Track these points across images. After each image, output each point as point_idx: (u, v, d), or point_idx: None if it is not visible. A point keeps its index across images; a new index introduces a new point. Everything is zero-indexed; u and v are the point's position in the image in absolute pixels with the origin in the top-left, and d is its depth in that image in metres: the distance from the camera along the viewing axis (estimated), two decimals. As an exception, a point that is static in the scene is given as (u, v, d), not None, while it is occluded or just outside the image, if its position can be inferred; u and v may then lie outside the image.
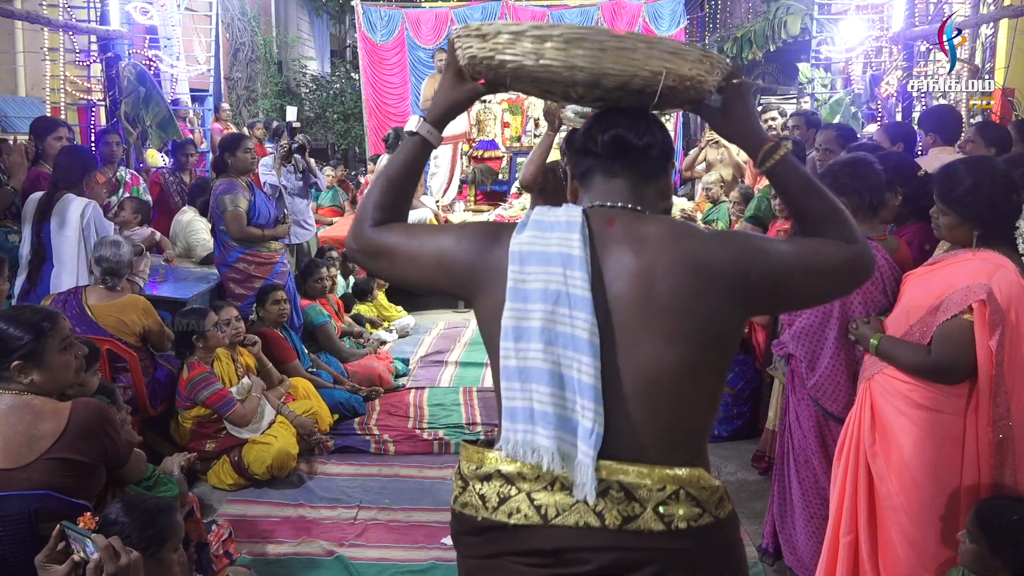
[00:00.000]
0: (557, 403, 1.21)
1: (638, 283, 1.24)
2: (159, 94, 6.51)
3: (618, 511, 1.19)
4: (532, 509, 1.22)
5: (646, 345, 1.22)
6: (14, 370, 2.10)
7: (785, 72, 16.47)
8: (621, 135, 1.34)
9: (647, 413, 1.22)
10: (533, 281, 1.25)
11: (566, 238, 1.25)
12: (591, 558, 1.20)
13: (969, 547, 1.98)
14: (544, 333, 1.22)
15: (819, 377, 2.58)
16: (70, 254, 4.00)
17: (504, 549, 1.25)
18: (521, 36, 1.26)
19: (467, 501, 1.30)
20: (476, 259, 1.32)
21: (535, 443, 1.21)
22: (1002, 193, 2.14)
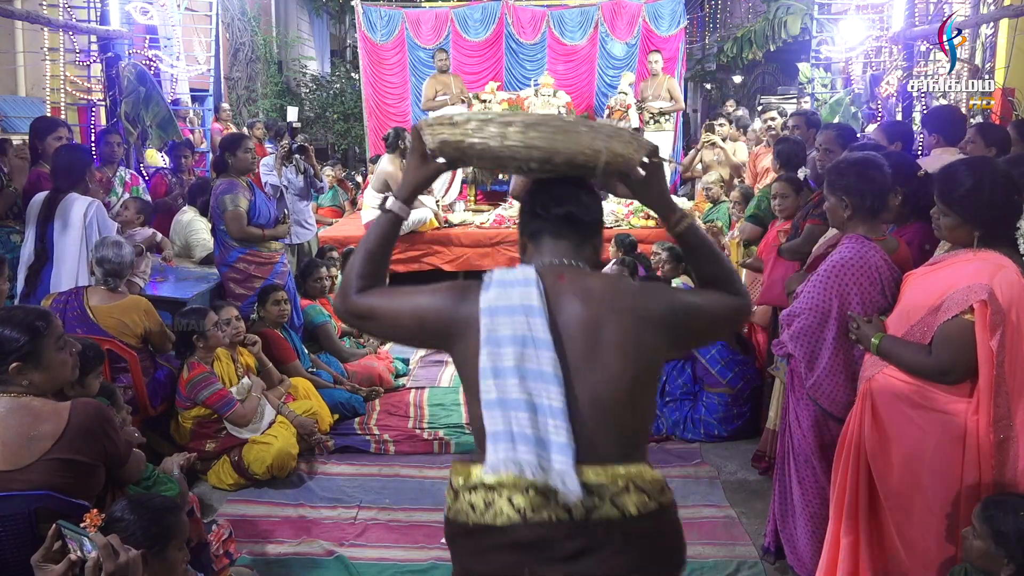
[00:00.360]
0: (533, 426, 1.45)
1: (587, 327, 1.53)
2: (159, 94, 6.51)
3: (582, 505, 1.44)
4: (512, 510, 1.47)
5: (595, 375, 1.51)
6: (12, 372, 2.10)
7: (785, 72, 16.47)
8: (572, 212, 1.64)
9: (599, 426, 1.50)
10: (503, 329, 1.50)
11: (526, 292, 1.53)
12: (563, 544, 1.46)
13: (974, 543, 1.98)
14: (517, 370, 1.47)
15: (817, 377, 2.58)
16: (72, 254, 4.00)
17: (493, 544, 1.49)
18: (488, 123, 1.53)
19: (459, 509, 1.53)
20: (450, 314, 1.58)
21: (518, 459, 1.44)
22: (1003, 194, 2.14)
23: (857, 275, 2.47)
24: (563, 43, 10.33)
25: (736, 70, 17.50)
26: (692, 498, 3.67)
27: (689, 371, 4.46)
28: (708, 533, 3.35)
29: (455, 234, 7.06)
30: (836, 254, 2.55)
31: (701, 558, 3.16)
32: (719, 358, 4.30)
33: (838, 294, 2.49)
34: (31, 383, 2.13)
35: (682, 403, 4.40)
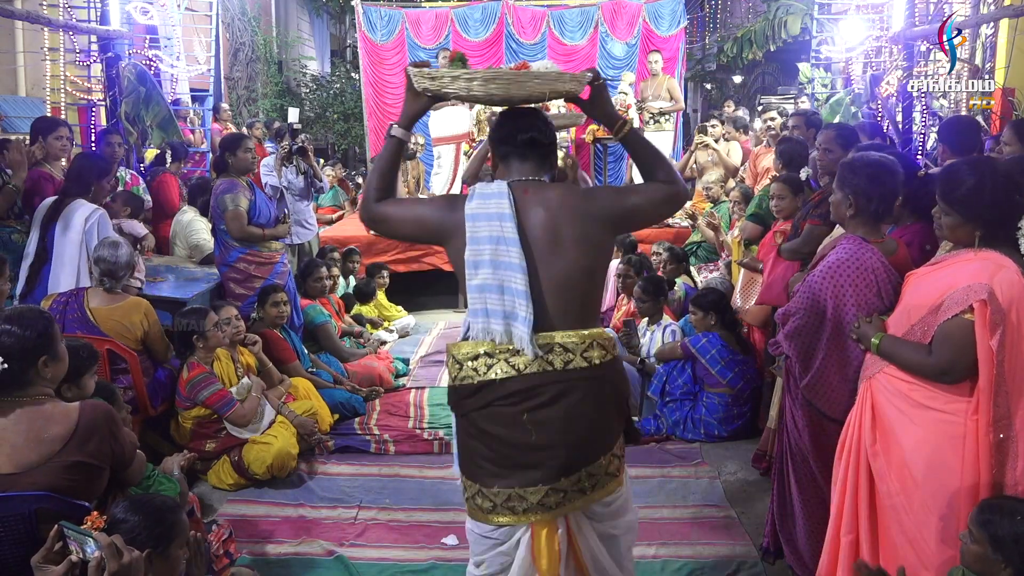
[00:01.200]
0: (502, 304, 1.96)
1: (548, 228, 2.01)
2: (159, 94, 6.50)
3: (560, 359, 1.97)
4: (509, 367, 1.97)
5: (557, 262, 1.99)
6: (41, 365, 2.14)
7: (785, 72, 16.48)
8: (535, 137, 2.10)
9: (566, 300, 2.00)
10: (482, 231, 1.98)
11: (499, 203, 1.99)
12: (547, 389, 1.97)
13: (971, 548, 1.97)
14: (492, 263, 1.97)
15: (812, 377, 2.58)
16: (71, 256, 4.00)
17: (494, 397, 1.98)
18: (456, 79, 2.03)
19: (465, 375, 2.01)
20: (443, 219, 2.06)
21: (490, 328, 1.97)
22: (1004, 194, 2.14)
23: (853, 276, 2.47)
24: (563, 43, 10.32)
25: (736, 70, 17.51)
26: (692, 498, 3.67)
27: (689, 371, 4.46)
28: (708, 533, 3.35)
29: (455, 234, 7.05)
30: (833, 254, 2.55)
31: (701, 558, 3.16)
32: (719, 358, 4.30)
33: (833, 294, 2.48)
34: (52, 376, 2.18)
35: (682, 403, 4.40)
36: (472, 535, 2.17)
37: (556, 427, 1.98)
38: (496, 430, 2.00)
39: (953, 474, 2.11)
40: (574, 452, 2.00)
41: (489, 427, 2.00)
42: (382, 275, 6.68)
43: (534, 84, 2.02)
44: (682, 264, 5.82)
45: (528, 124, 2.11)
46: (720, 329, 4.40)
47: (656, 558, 3.16)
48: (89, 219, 4.03)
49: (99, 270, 3.72)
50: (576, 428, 1.99)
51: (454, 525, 3.43)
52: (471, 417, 2.03)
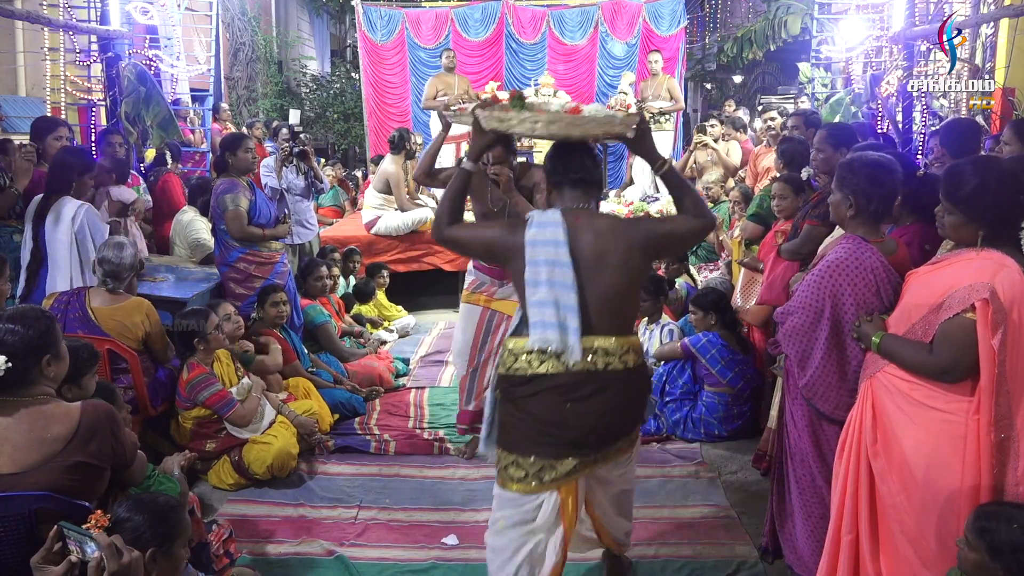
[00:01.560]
0: (557, 317, 2.32)
1: (595, 250, 2.38)
2: (159, 94, 6.50)
3: (602, 361, 2.35)
4: (559, 364, 2.34)
5: (602, 280, 2.37)
6: (44, 364, 2.14)
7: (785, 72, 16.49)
8: (583, 177, 2.50)
9: (609, 311, 2.38)
10: (540, 255, 2.35)
11: (555, 231, 2.37)
12: (589, 386, 2.35)
13: (968, 555, 1.97)
14: (548, 282, 2.34)
15: (810, 377, 2.58)
16: (63, 256, 3.99)
17: (544, 387, 2.36)
18: (524, 121, 2.36)
19: (519, 366, 2.39)
20: (506, 243, 2.44)
21: (547, 338, 2.33)
22: (1008, 193, 2.14)
23: (852, 276, 2.46)
24: (563, 43, 10.33)
25: (736, 70, 17.51)
26: (692, 498, 3.66)
27: (689, 371, 4.46)
28: (708, 533, 3.35)
29: (455, 234, 7.04)
30: (832, 254, 2.55)
31: (701, 558, 3.16)
32: (719, 358, 4.30)
33: (831, 294, 2.48)
34: (55, 376, 2.18)
35: (682, 403, 4.40)
36: (499, 498, 2.51)
37: (592, 416, 2.38)
38: (541, 413, 2.38)
39: (954, 474, 2.11)
40: (603, 435, 2.43)
41: (535, 411, 2.39)
42: (382, 275, 6.68)
43: (589, 127, 2.39)
44: (683, 264, 5.83)
45: (579, 163, 2.49)
46: (720, 329, 4.40)
47: (656, 558, 3.16)
48: (76, 216, 4.01)
49: (102, 271, 3.71)
50: (608, 417, 2.41)
51: (454, 525, 3.44)
52: (518, 402, 2.42)
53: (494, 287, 3.93)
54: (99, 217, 4.18)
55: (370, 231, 6.96)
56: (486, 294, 3.95)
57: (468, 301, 3.99)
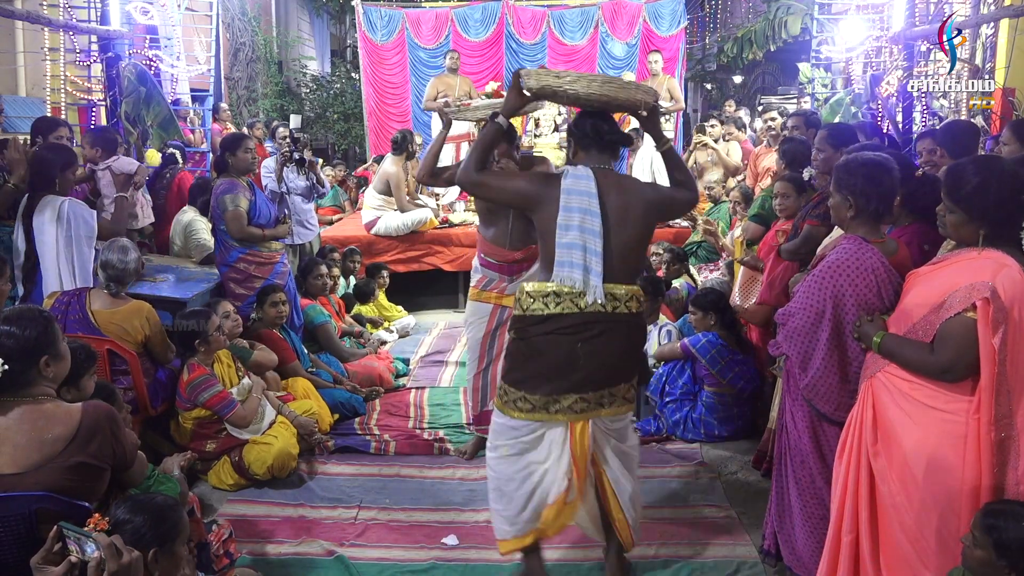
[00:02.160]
0: (583, 259, 2.57)
1: (621, 207, 2.65)
2: (159, 94, 6.50)
3: (611, 305, 2.61)
4: (573, 305, 2.60)
5: (624, 235, 2.64)
6: (43, 365, 2.13)
7: (785, 72, 16.49)
8: (615, 139, 2.75)
9: (623, 262, 2.66)
10: (574, 202, 2.60)
11: (588, 183, 2.62)
12: (598, 326, 2.61)
13: (974, 552, 1.97)
14: (579, 227, 2.58)
15: (811, 378, 2.57)
16: (51, 255, 3.96)
17: (556, 327, 2.61)
18: (578, 80, 2.61)
19: (536, 307, 2.63)
20: (540, 191, 2.67)
21: (572, 277, 2.58)
22: (1009, 192, 2.14)
23: (853, 276, 2.46)
24: (563, 43, 10.33)
25: (736, 70, 17.52)
26: (692, 498, 3.66)
27: (689, 371, 4.46)
28: (708, 533, 3.35)
29: (455, 234, 7.06)
30: (833, 255, 2.55)
31: (701, 558, 3.16)
32: (719, 358, 4.30)
33: (832, 295, 2.48)
34: (54, 376, 2.18)
35: (682, 403, 4.40)
36: (498, 426, 2.76)
37: (600, 353, 2.63)
38: (552, 351, 2.63)
39: (954, 473, 2.11)
40: (607, 373, 2.67)
41: (547, 348, 2.64)
42: (382, 275, 6.67)
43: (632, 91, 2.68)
44: (683, 264, 5.83)
45: (609, 127, 2.73)
46: (720, 329, 4.40)
47: (656, 558, 3.16)
48: (60, 212, 3.98)
49: (106, 275, 3.69)
50: (613, 356, 2.67)
51: (454, 525, 3.43)
52: (532, 340, 2.66)
53: (504, 283, 3.87)
54: (84, 208, 4.13)
55: (370, 231, 6.97)
56: (496, 291, 3.90)
57: (478, 299, 3.94)
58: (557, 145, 8.36)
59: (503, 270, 3.87)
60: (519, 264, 3.85)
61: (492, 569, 3.12)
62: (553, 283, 2.61)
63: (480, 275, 3.95)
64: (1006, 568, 1.91)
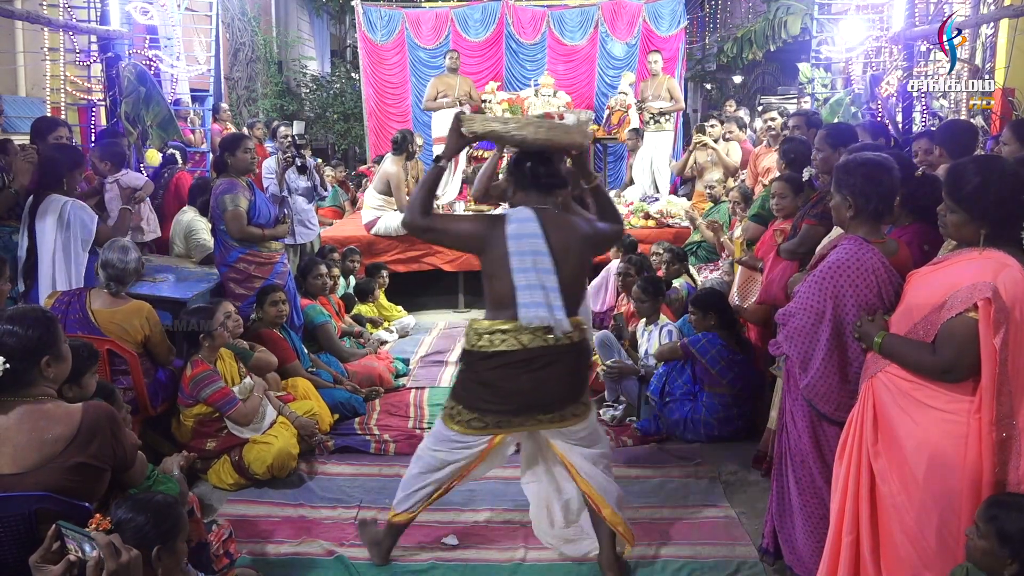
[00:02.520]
0: (544, 298, 2.69)
1: (562, 245, 2.76)
2: (159, 94, 6.49)
3: (554, 337, 2.72)
4: (517, 343, 2.72)
5: (566, 268, 2.74)
6: (44, 365, 2.13)
7: (785, 72, 16.48)
8: (554, 182, 2.87)
9: (567, 295, 2.73)
10: (526, 246, 2.71)
11: (532, 226, 2.74)
12: (542, 360, 2.74)
13: (977, 543, 1.97)
14: (534, 268, 2.70)
15: (811, 378, 2.57)
16: (47, 254, 3.98)
17: (504, 362, 2.74)
18: (524, 127, 2.75)
19: (483, 344, 2.75)
20: (485, 234, 2.77)
21: (540, 316, 2.68)
22: (1010, 192, 2.14)
23: (853, 277, 2.46)
24: (563, 43, 10.33)
25: (736, 70, 17.51)
26: (692, 498, 3.66)
27: (689, 371, 4.45)
28: (708, 533, 3.35)
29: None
30: (833, 255, 2.55)
31: (701, 558, 3.16)
32: (719, 358, 4.30)
33: (833, 295, 2.48)
34: (55, 377, 2.17)
35: (682, 403, 4.39)
36: (440, 434, 2.94)
37: (545, 382, 2.78)
38: (501, 383, 2.78)
39: (955, 473, 2.11)
40: (553, 400, 2.82)
41: (495, 381, 2.78)
42: (382, 275, 6.68)
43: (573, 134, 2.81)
44: (683, 264, 5.82)
45: (545, 169, 2.84)
46: (719, 329, 4.40)
47: (656, 558, 3.16)
48: (63, 213, 4.00)
49: (106, 274, 3.70)
50: (559, 384, 2.82)
51: (454, 525, 3.43)
52: (481, 373, 2.80)
53: None
54: (86, 211, 4.14)
55: (370, 231, 6.96)
56: None
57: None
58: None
59: None
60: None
61: (492, 569, 3.12)
62: (493, 322, 2.75)
63: None
64: (1009, 558, 1.93)
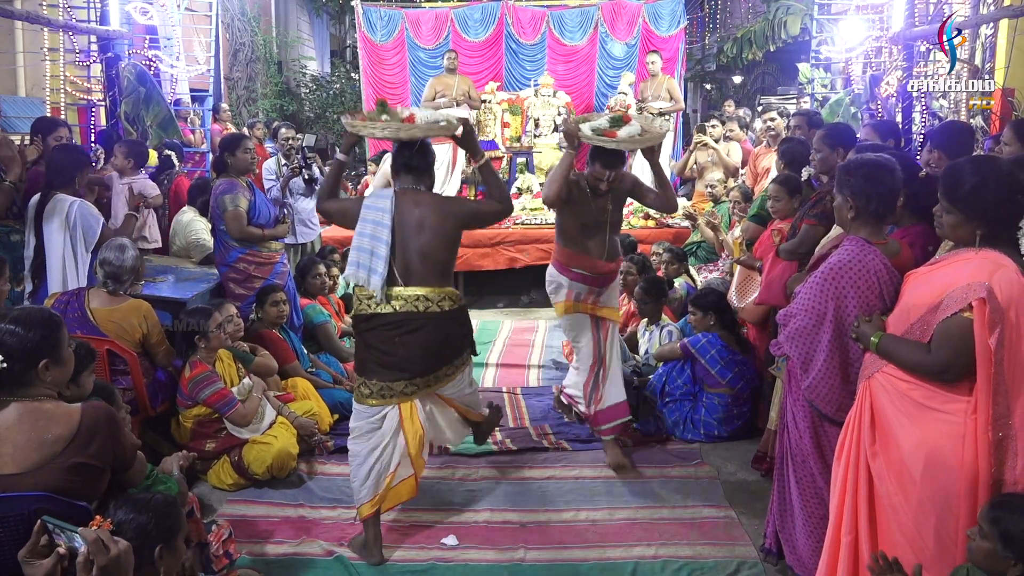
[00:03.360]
0: (370, 262, 3.09)
1: (416, 220, 3.14)
2: (159, 94, 6.50)
3: (423, 305, 3.08)
4: (389, 306, 3.08)
5: (422, 241, 3.12)
6: (42, 369, 2.12)
7: (785, 72, 16.47)
8: (416, 165, 3.26)
9: (426, 266, 3.12)
10: (370, 216, 3.14)
11: (384, 202, 3.16)
12: (413, 323, 3.08)
13: (980, 544, 1.97)
14: (370, 236, 3.11)
15: (813, 379, 2.57)
16: (56, 254, 4.00)
17: (379, 324, 3.11)
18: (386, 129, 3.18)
19: (362, 308, 3.14)
20: (353, 210, 3.21)
21: (357, 276, 3.11)
22: (1007, 192, 2.14)
23: (855, 278, 2.46)
24: (563, 43, 10.32)
25: (736, 70, 17.51)
26: (692, 498, 3.66)
27: (689, 372, 4.46)
28: (708, 533, 3.35)
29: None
30: (835, 256, 2.54)
31: (701, 558, 3.16)
32: (719, 358, 4.30)
33: (835, 296, 2.47)
34: (53, 380, 2.16)
35: (682, 404, 4.39)
36: (355, 411, 3.25)
37: (417, 346, 3.12)
38: (379, 344, 3.13)
39: (952, 474, 2.11)
40: (427, 362, 3.16)
41: (374, 342, 3.14)
42: (382, 275, 6.66)
43: (433, 129, 3.21)
44: (682, 264, 5.82)
45: (411, 156, 3.24)
46: (719, 329, 4.40)
47: (656, 558, 3.16)
48: (71, 214, 4.01)
49: (103, 272, 3.71)
50: (429, 348, 3.15)
51: (454, 525, 3.44)
52: (364, 335, 3.19)
53: (593, 295, 3.94)
54: (92, 212, 4.16)
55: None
56: (591, 302, 3.95)
57: (575, 311, 3.97)
58: (556, 145, 8.35)
59: (595, 282, 3.91)
60: (610, 276, 3.98)
61: (492, 569, 3.12)
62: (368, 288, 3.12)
63: (567, 288, 3.95)
64: (1012, 560, 1.92)
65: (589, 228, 3.86)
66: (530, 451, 4.18)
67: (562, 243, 3.97)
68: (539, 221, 7.37)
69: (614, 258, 3.98)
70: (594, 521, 3.47)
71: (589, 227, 3.86)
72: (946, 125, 4.41)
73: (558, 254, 4.00)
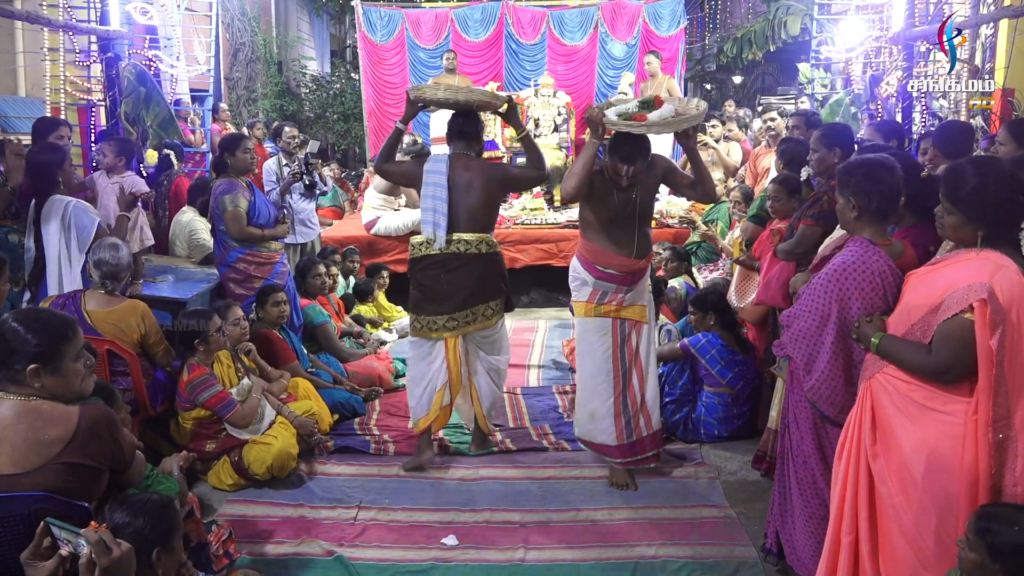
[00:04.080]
0: (435, 218, 3.77)
1: (467, 181, 3.81)
2: (159, 94, 6.49)
3: (463, 247, 3.78)
4: (436, 249, 3.78)
5: (469, 200, 3.80)
6: (29, 373, 2.08)
7: (785, 72, 16.47)
8: (468, 131, 3.90)
9: (472, 219, 3.81)
10: (431, 179, 3.81)
11: (441, 165, 3.82)
12: (455, 263, 3.80)
13: (968, 555, 1.96)
14: (433, 196, 3.78)
15: (815, 380, 2.57)
16: (53, 256, 3.98)
17: (426, 264, 3.84)
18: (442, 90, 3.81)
19: (415, 252, 3.88)
20: (416, 172, 3.90)
21: (427, 230, 3.82)
22: (1008, 193, 2.14)
23: (859, 280, 2.45)
24: (563, 43, 10.32)
25: (736, 70, 17.51)
26: (692, 498, 3.66)
27: (689, 372, 4.46)
28: (708, 533, 3.35)
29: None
30: (839, 257, 2.54)
31: (701, 558, 3.16)
32: (719, 358, 4.30)
33: (838, 298, 2.47)
34: (43, 387, 2.11)
35: (682, 403, 4.39)
36: (410, 343, 4.00)
37: (457, 283, 3.77)
38: (426, 282, 3.83)
39: (953, 474, 2.11)
40: (465, 297, 3.79)
41: (423, 280, 3.84)
42: (382, 275, 6.67)
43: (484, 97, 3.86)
44: (684, 263, 5.82)
45: (464, 124, 3.88)
46: (719, 329, 4.40)
47: (656, 558, 3.16)
48: (65, 213, 4.00)
49: (99, 273, 3.70)
50: (468, 284, 3.78)
51: (454, 525, 3.44)
52: (416, 276, 3.88)
53: (621, 293, 3.66)
54: (87, 213, 4.13)
55: (370, 231, 6.96)
56: (616, 303, 3.67)
57: (596, 314, 3.69)
58: (557, 145, 8.35)
59: (624, 280, 3.64)
60: (640, 273, 3.70)
61: (492, 569, 3.12)
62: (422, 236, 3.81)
63: (591, 288, 3.69)
64: (1000, 571, 1.90)
65: (615, 221, 3.59)
66: (530, 451, 4.18)
67: (587, 237, 3.70)
68: (539, 221, 7.37)
69: (645, 254, 3.70)
70: (594, 521, 3.47)
71: (615, 220, 3.59)
72: (945, 125, 4.42)
73: (583, 248, 3.72)
